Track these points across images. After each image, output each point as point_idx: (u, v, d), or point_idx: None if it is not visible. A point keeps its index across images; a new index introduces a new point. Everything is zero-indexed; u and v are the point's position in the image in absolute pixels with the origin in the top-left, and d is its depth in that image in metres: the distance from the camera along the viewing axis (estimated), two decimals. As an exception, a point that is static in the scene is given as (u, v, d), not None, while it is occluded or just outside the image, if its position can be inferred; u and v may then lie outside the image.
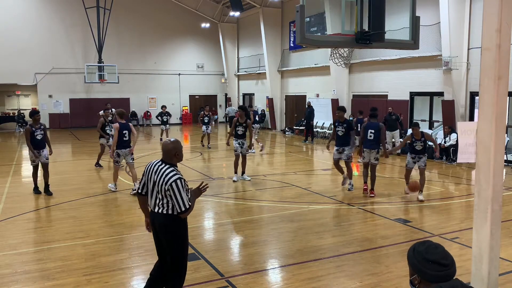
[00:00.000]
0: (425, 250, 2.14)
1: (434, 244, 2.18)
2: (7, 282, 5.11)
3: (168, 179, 3.91)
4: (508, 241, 6.36)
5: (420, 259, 2.13)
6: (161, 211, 4.02)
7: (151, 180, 4.07)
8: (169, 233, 4.06)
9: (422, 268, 2.11)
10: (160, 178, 3.98)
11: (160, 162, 4.09)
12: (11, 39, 25.59)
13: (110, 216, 7.98)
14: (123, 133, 9.30)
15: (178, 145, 4.09)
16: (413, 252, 2.18)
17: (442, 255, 2.12)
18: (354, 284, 5.06)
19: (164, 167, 4.02)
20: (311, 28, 21.41)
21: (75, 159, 15.99)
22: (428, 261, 2.10)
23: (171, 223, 4.03)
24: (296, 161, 15.15)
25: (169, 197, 3.94)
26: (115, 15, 26.07)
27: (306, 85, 23.57)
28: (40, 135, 9.28)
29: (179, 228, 4.10)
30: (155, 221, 4.10)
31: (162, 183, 3.95)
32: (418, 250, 2.17)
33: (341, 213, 8.10)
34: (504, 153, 4.06)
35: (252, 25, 27.93)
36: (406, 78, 17.06)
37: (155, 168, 4.06)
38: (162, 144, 4.14)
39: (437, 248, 2.15)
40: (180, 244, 4.14)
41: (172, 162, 4.07)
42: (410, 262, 2.19)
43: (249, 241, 6.67)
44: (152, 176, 4.06)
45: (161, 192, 3.98)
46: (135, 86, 29.19)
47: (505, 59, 3.51)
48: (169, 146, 4.04)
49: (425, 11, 14.46)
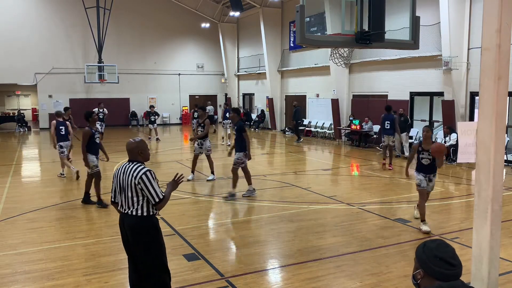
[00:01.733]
0: (436, 247, 2.17)
1: (445, 243, 2.21)
2: (7, 282, 5.11)
3: (137, 173, 3.92)
4: (508, 241, 6.36)
5: (430, 255, 2.15)
6: (132, 213, 3.95)
7: (119, 183, 4.04)
8: (142, 235, 3.96)
9: (430, 264, 2.13)
10: (128, 175, 3.96)
11: (127, 163, 4.10)
12: (11, 39, 25.59)
13: (110, 216, 7.98)
14: (60, 128, 11.19)
15: (141, 144, 4.12)
16: (423, 247, 2.21)
17: (451, 255, 2.14)
18: (354, 284, 5.06)
19: (131, 165, 4.03)
20: (311, 28, 21.42)
21: (75, 159, 15.94)
22: (437, 258, 2.12)
23: (143, 224, 3.96)
24: (296, 161, 15.15)
25: (141, 191, 3.91)
26: (115, 15, 26.07)
27: (306, 85, 23.57)
28: (98, 139, 8.63)
29: (152, 229, 4.01)
30: (126, 224, 4.01)
31: (131, 179, 3.92)
32: (428, 246, 2.19)
33: (341, 213, 8.10)
34: (504, 153, 4.06)
35: (252, 25, 27.93)
36: (406, 78, 17.06)
37: (123, 169, 4.05)
38: (126, 144, 4.14)
39: (447, 247, 2.18)
40: (156, 248, 4.02)
41: (138, 160, 4.08)
42: (418, 257, 2.21)
43: (249, 241, 6.67)
44: (120, 177, 4.03)
45: (131, 190, 3.93)
46: (135, 86, 29.19)
47: (505, 59, 3.51)
48: (133, 145, 4.08)
49: (425, 11, 14.45)
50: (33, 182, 11.76)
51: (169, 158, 14.18)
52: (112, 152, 16.21)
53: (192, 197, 9.38)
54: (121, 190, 4.02)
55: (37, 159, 14.94)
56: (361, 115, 18.34)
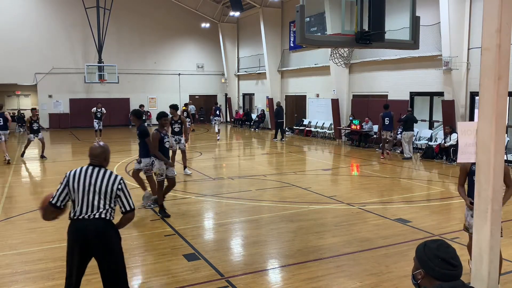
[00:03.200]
0: (437, 247, 2.17)
1: (446, 243, 2.21)
2: (7, 282, 5.11)
3: (115, 180, 3.85)
4: (508, 241, 6.36)
5: (431, 255, 2.15)
6: (101, 215, 3.79)
7: (80, 186, 3.83)
8: (112, 237, 3.85)
9: (430, 264, 2.13)
10: (102, 180, 3.83)
11: (91, 167, 3.92)
12: (11, 39, 25.59)
13: (110, 216, 7.97)
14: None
15: (107, 149, 4.06)
16: (424, 247, 2.21)
17: (452, 255, 2.14)
18: (354, 284, 5.06)
19: (101, 170, 3.90)
20: (311, 28, 21.35)
21: (75, 159, 15.98)
22: (438, 258, 2.12)
23: (112, 226, 3.88)
24: (296, 161, 15.15)
25: (116, 197, 3.85)
26: (115, 15, 26.07)
27: (306, 85, 23.57)
28: (168, 143, 7.93)
29: (117, 233, 3.93)
30: (91, 228, 3.76)
31: (107, 185, 3.82)
32: (429, 247, 2.19)
33: (341, 213, 8.10)
34: (504, 153, 4.06)
35: (252, 25, 27.93)
36: (406, 78, 17.06)
37: (86, 173, 3.87)
38: (91, 148, 4.02)
39: (448, 248, 2.18)
40: (120, 252, 3.93)
41: (102, 165, 3.98)
42: (418, 257, 2.21)
43: (249, 241, 6.67)
44: (85, 181, 3.83)
45: (100, 195, 3.80)
46: (135, 86, 29.19)
47: (505, 59, 3.50)
48: (99, 150, 3.98)
49: (425, 11, 14.45)
50: (33, 182, 11.76)
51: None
52: (112, 152, 16.22)
53: (192, 197, 9.38)
54: (83, 195, 3.82)
55: (37, 159, 14.93)
56: (361, 115, 18.33)
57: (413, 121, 14.75)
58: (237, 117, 29.90)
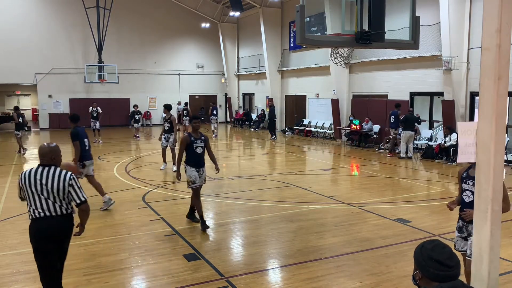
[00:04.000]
0: (432, 248, 2.17)
1: (442, 244, 2.20)
2: (7, 282, 5.12)
3: (65, 177, 4.04)
4: (508, 241, 6.37)
5: (425, 256, 2.15)
6: (63, 212, 4.05)
7: (32, 186, 3.99)
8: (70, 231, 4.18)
9: (425, 265, 2.13)
10: (53, 179, 3.99)
11: (41, 167, 4.07)
12: (11, 39, 25.59)
13: (110, 216, 7.98)
14: None
15: (55, 149, 4.17)
16: (421, 249, 2.21)
17: (447, 256, 2.13)
18: (354, 284, 5.06)
19: (51, 169, 4.05)
20: (311, 28, 21.35)
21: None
22: (432, 259, 2.12)
23: (71, 220, 4.17)
24: (296, 161, 15.15)
25: (68, 194, 4.04)
26: (115, 15, 26.08)
27: (306, 85, 23.57)
28: (201, 149, 7.11)
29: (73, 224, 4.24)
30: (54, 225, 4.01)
31: (59, 183, 4.00)
32: (425, 248, 2.19)
33: (341, 213, 8.10)
34: (504, 153, 4.06)
35: (252, 25, 27.93)
36: (406, 78, 17.06)
37: (37, 174, 4.02)
38: (39, 148, 4.16)
39: (444, 248, 2.16)
40: None
41: (52, 164, 4.11)
42: (415, 258, 2.22)
43: (249, 241, 6.68)
44: (37, 181, 3.99)
45: (55, 193, 3.99)
46: (135, 86, 29.20)
47: (505, 59, 3.50)
48: (46, 150, 4.13)
49: (425, 11, 14.45)
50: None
51: (168, 158, 14.21)
52: (112, 152, 16.22)
53: (192, 197, 9.37)
54: (37, 194, 3.98)
55: (37, 159, 14.93)
56: (361, 115, 18.33)
57: (413, 121, 14.73)
58: (237, 117, 29.92)
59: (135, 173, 12.08)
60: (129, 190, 9.89)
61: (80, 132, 8.15)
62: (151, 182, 10.81)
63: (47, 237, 4.01)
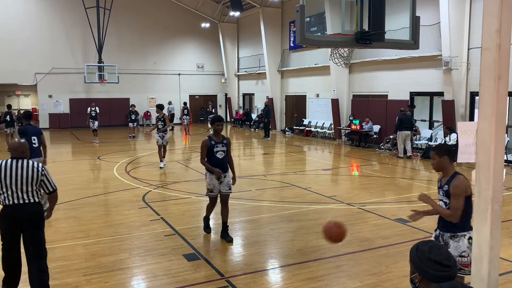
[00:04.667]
0: (428, 249, 2.15)
1: (437, 244, 2.19)
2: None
3: (38, 167, 4.54)
4: (508, 241, 6.36)
5: (423, 258, 2.14)
6: (35, 200, 4.51)
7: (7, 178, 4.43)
8: (41, 218, 4.57)
9: (424, 267, 2.12)
10: (27, 169, 4.48)
11: (14, 160, 4.53)
12: (11, 39, 25.58)
13: (110, 216, 7.98)
14: None
15: (25, 144, 4.70)
16: (416, 251, 2.19)
17: (445, 256, 2.13)
18: (354, 284, 5.06)
19: (24, 161, 4.54)
20: (311, 28, 21.41)
21: (75, 159, 15.97)
22: (431, 261, 2.11)
23: (41, 208, 4.59)
24: (296, 161, 15.15)
25: (41, 182, 4.54)
26: (115, 15, 26.08)
27: (306, 85, 23.57)
28: (222, 153, 6.62)
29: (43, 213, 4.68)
30: (25, 212, 4.44)
31: (33, 173, 4.48)
32: (421, 249, 2.17)
33: (341, 213, 8.10)
34: (504, 153, 4.06)
35: (252, 25, 27.93)
36: (406, 78, 17.06)
37: (12, 165, 4.49)
38: (10, 144, 4.58)
39: (440, 249, 2.16)
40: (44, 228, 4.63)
41: (23, 157, 4.59)
42: (412, 261, 2.20)
43: (249, 241, 6.68)
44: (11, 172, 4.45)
45: (28, 182, 4.46)
46: (135, 86, 29.19)
47: (505, 59, 3.50)
48: (17, 145, 4.64)
49: (425, 11, 14.45)
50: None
51: (168, 158, 14.20)
52: (112, 152, 16.22)
53: (192, 197, 9.38)
54: (11, 184, 4.43)
55: (37, 159, 14.93)
56: (361, 115, 18.34)
57: (407, 120, 14.75)
58: (237, 117, 29.92)
59: (135, 173, 12.08)
60: (129, 190, 9.89)
61: (28, 129, 8.06)
62: (151, 182, 10.81)
63: (16, 222, 4.44)
